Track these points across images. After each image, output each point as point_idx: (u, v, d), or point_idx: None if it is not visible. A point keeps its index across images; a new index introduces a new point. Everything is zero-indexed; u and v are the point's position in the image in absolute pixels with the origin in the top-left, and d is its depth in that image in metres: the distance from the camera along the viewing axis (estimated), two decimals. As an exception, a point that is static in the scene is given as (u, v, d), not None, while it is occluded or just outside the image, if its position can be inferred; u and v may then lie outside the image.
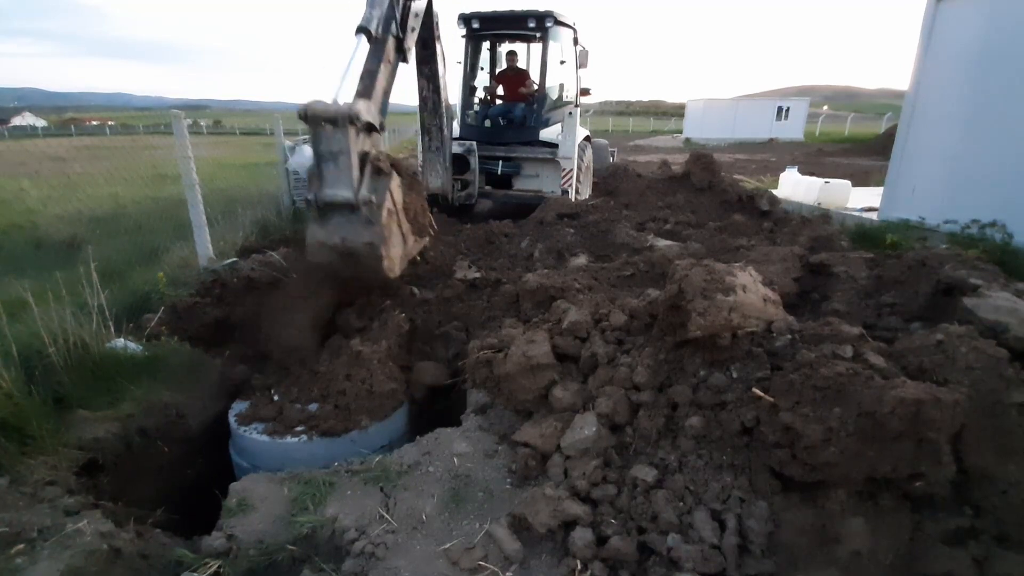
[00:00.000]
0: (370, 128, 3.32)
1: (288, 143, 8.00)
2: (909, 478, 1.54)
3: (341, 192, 3.15)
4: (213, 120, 65.28)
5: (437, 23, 5.39)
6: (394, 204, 3.33)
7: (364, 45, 3.80)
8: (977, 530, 1.60)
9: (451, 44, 8.21)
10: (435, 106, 5.83)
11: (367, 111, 3.24)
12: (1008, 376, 1.69)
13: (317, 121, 3.04)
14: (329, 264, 3.30)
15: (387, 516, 1.99)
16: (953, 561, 1.54)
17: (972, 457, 1.64)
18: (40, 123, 59.70)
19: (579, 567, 1.73)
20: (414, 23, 4.50)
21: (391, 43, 4.04)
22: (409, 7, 4.33)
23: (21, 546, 1.83)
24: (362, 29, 3.75)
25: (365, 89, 3.66)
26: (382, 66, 3.85)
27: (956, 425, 1.53)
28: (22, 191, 9.56)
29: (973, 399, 1.62)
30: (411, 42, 4.47)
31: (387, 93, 4.04)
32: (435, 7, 5.27)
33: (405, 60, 4.42)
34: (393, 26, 4.02)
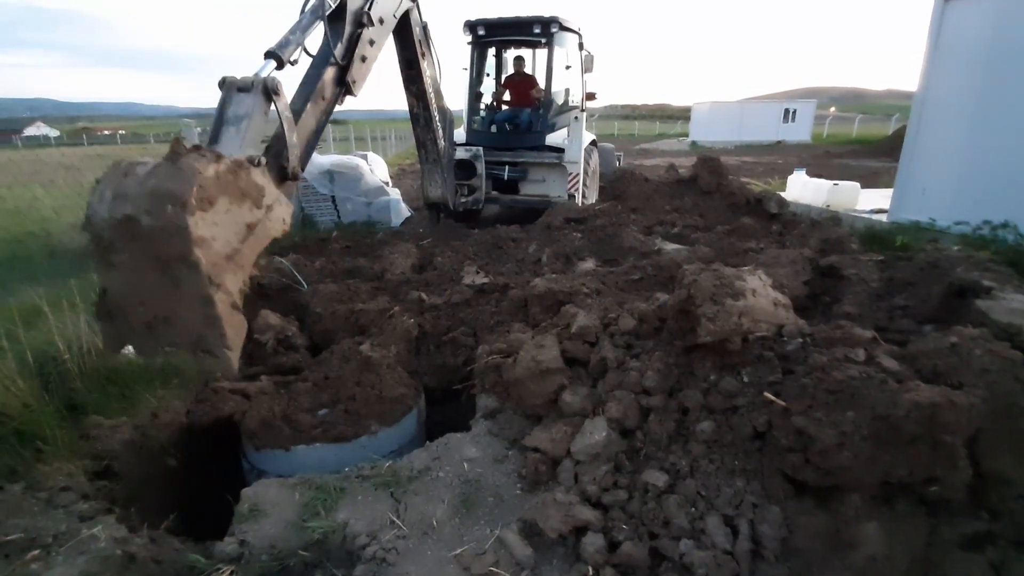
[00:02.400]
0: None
1: (296, 150, 8.06)
2: (924, 482, 1.53)
3: None
4: (222, 128, 65.94)
5: (423, 39, 5.34)
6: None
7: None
8: (994, 535, 1.58)
9: (457, 50, 8.26)
10: (427, 122, 5.93)
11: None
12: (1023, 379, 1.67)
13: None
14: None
15: (398, 521, 1.99)
16: (970, 566, 1.52)
17: (988, 461, 1.62)
18: (53, 133, 60.73)
19: (591, 573, 1.72)
20: (365, 51, 4.07)
21: (329, 73, 3.66)
22: (359, 34, 3.91)
23: (36, 552, 1.85)
24: (271, 54, 3.22)
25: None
26: (309, 104, 3.46)
27: (972, 429, 1.51)
28: (36, 200, 9.70)
29: (988, 402, 1.60)
30: (358, 74, 4.05)
31: (314, 134, 3.62)
32: (419, 22, 5.11)
33: (351, 93, 3.96)
34: (337, 51, 3.63)
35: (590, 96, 8.36)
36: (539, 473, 2.16)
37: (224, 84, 2.74)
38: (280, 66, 3.26)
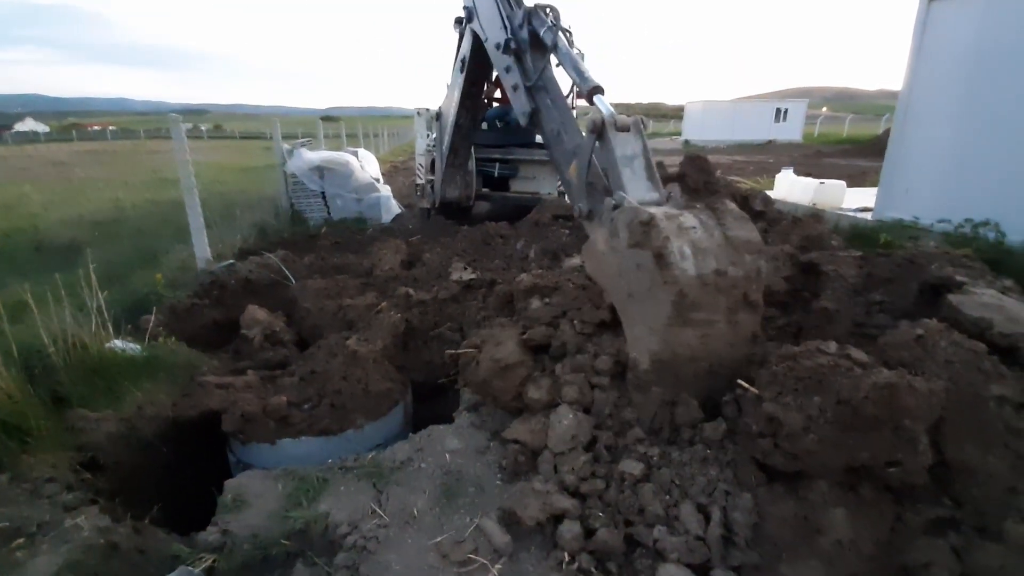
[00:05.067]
0: None
1: (286, 147, 8.07)
2: (887, 466, 1.57)
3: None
4: (213, 124, 65.55)
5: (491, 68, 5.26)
6: None
7: None
8: (957, 521, 1.64)
9: (449, 47, 8.26)
10: (468, 132, 6.16)
11: None
12: (986, 370, 1.72)
13: None
14: None
15: (379, 511, 2.02)
16: (933, 551, 1.57)
17: (952, 449, 1.67)
18: (42, 128, 60.05)
19: (567, 559, 1.76)
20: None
21: None
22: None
23: (21, 540, 1.87)
24: (600, 89, 3.07)
25: None
26: None
27: (933, 415, 1.56)
28: (24, 196, 9.64)
29: (952, 392, 1.65)
30: None
31: None
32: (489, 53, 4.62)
33: None
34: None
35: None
36: (518, 464, 2.20)
37: (603, 127, 2.60)
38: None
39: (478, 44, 4.75)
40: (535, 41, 3.53)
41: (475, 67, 5.37)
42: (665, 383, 2.11)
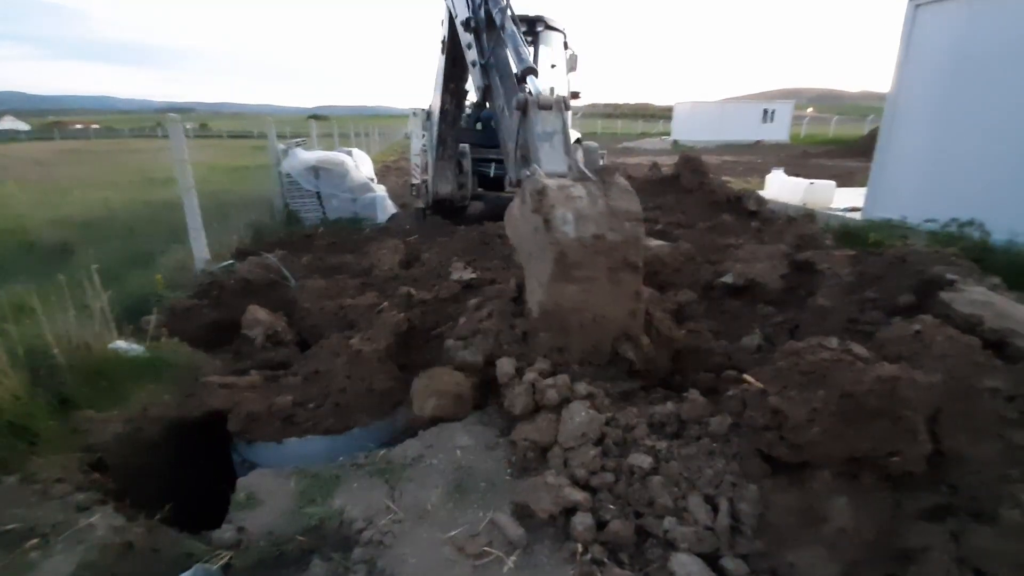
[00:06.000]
0: None
1: (281, 146, 8.03)
2: (887, 456, 1.64)
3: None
4: (199, 123, 64.74)
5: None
6: None
7: None
8: (954, 507, 1.71)
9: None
10: (454, 119, 6.06)
11: None
12: (980, 362, 1.80)
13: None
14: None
15: (393, 507, 2.05)
16: (931, 536, 1.64)
17: (948, 439, 1.74)
18: (23, 127, 58.86)
19: (580, 550, 1.80)
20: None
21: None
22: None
23: (35, 541, 1.88)
24: (533, 70, 3.32)
25: None
26: None
27: (931, 406, 1.63)
28: (9, 196, 9.48)
29: (948, 384, 1.72)
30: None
31: None
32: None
33: None
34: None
35: (574, 95, 8.46)
36: (527, 460, 2.24)
37: (526, 104, 2.89)
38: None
39: (453, 22, 4.84)
40: (490, 21, 3.70)
41: (453, 47, 5.33)
42: (552, 329, 2.45)
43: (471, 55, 3.86)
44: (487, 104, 8.57)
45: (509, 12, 3.56)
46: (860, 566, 1.67)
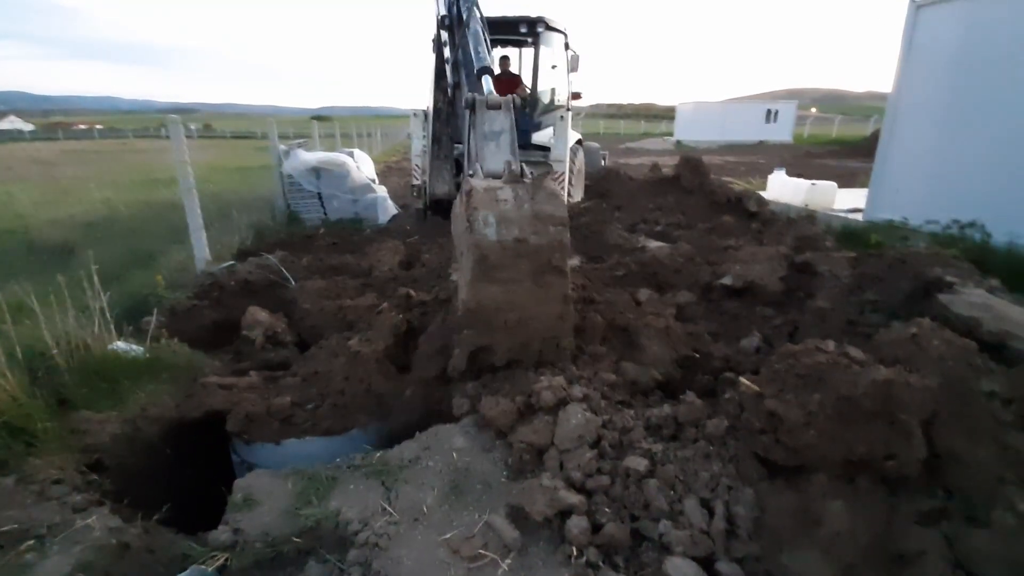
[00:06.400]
0: None
1: (283, 147, 8.05)
2: (883, 459, 1.64)
3: None
4: (203, 124, 64.94)
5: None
6: None
7: None
8: (949, 511, 1.70)
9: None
10: (448, 117, 6.02)
11: None
12: (977, 366, 1.79)
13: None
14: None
15: (389, 508, 2.05)
16: (926, 540, 1.63)
17: (944, 442, 1.73)
18: (27, 127, 59.11)
19: (575, 553, 1.80)
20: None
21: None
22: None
23: (31, 542, 1.88)
24: (487, 70, 3.47)
25: None
26: None
27: (927, 410, 1.63)
28: (12, 195, 9.53)
29: (944, 387, 1.72)
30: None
31: None
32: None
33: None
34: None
35: (576, 95, 8.45)
36: (524, 462, 2.23)
37: (474, 103, 2.96)
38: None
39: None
40: (461, 18, 3.81)
41: (441, 45, 5.40)
42: (476, 327, 2.47)
43: (447, 52, 3.93)
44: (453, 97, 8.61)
45: (476, 10, 3.62)
46: (855, 569, 1.67)
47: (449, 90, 3.92)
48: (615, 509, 1.93)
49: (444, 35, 3.98)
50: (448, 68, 3.85)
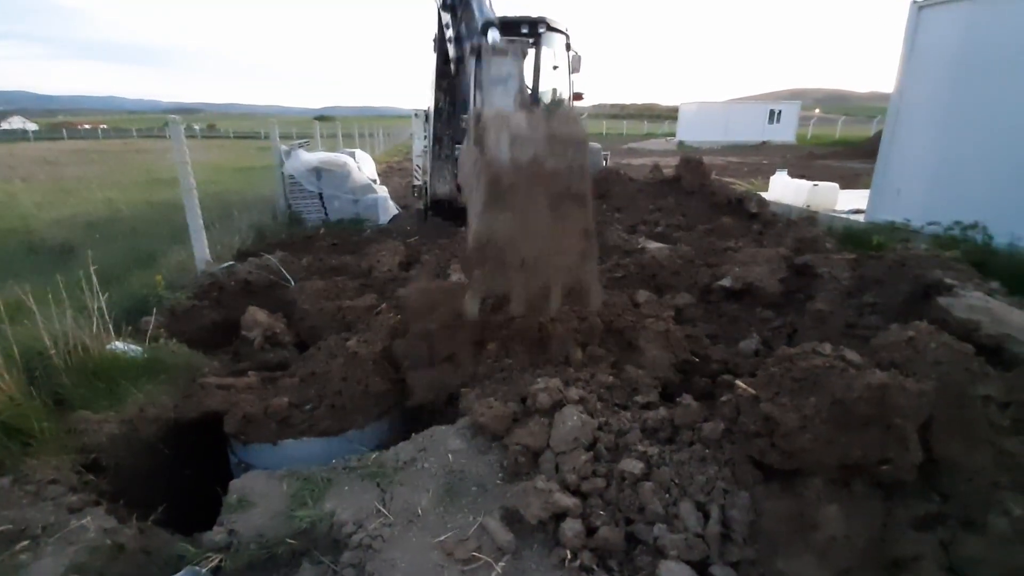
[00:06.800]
0: None
1: (284, 147, 8.07)
2: (879, 463, 1.63)
3: None
4: (207, 124, 65.14)
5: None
6: None
7: None
8: (944, 515, 1.69)
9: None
10: (449, 117, 6.02)
11: None
12: (973, 370, 1.78)
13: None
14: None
15: (383, 510, 2.05)
16: (921, 545, 1.62)
17: (940, 447, 1.72)
18: (31, 127, 59.37)
19: (569, 556, 1.79)
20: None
21: None
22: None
23: (26, 543, 1.88)
24: (492, 23, 3.51)
25: None
26: None
27: (923, 414, 1.62)
28: (15, 195, 9.57)
29: (940, 392, 1.70)
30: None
31: None
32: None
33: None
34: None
35: (577, 96, 8.44)
36: (519, 464, 2.23)
37: (480, 50, 2.88)
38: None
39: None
40: None
41: (444, 42, 5.38)
42: (488, 265, 2.22)
43: (449, 32, 3.93)
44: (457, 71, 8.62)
45: None
46: (851, 574, 1.66)
47: (452, 65, 3.87)
48: (610, 512, 1.93)
49: (446, 16, 3.96)
50: (452, 47, 3.83)
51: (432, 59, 5.88)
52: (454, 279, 4.32)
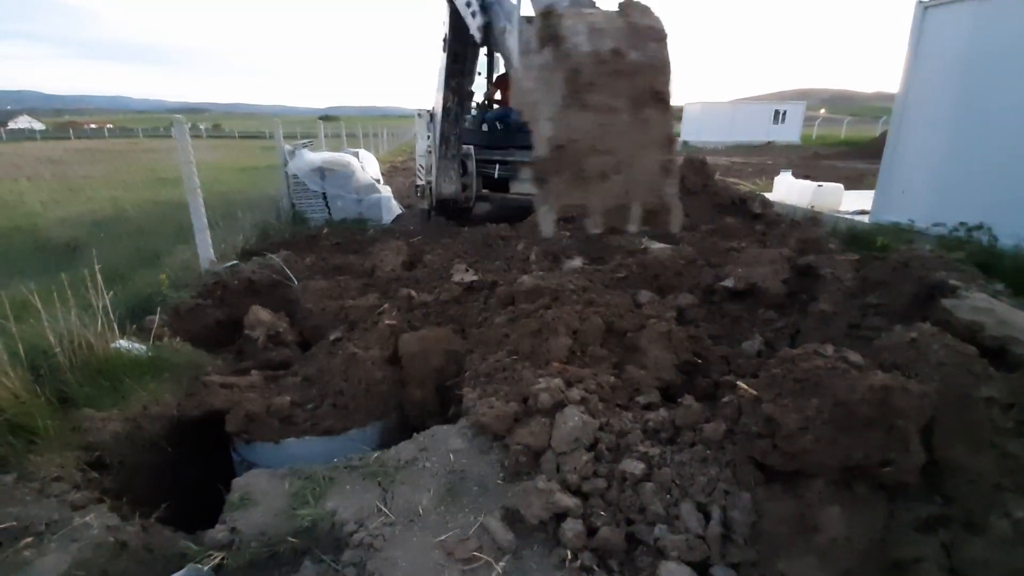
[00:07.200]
0: None
1: (288, 147, 8.09)
2: (881, 465, 1.62)
3: None
4: (212, 124, 65.42)
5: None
6: None
7: None
8: (947, 518, 1.68)
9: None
10: (456, 117, 6.03)
11: None
12: (977, 372, 1.77)
13: None
14: None
15: (385, 509, 2.05)
16: (923, 547, 1.61)
17: (943, 449, 1.72)
18: (38, 126, 59.79)
19: (570, 557, 1.80)
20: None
21: None
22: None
23: (29, 539, 1.90)
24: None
25: None
26: None
27: (925, 416, 1.61)
28: (22, 194, 9.64)
29: (943, 394, 1.70)
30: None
31: None
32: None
33: None
34: None
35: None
36: (520, 464, 2.23)
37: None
38: None
39: (454, 11, 4.83)
40: None
41: (455, 39, 5.33)
42: (566, 173, 1.99)
43: (472, 6, 3.94)
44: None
45: None
46: (852, 577, 1.65)
47: (479, 32, 3.85)
48: (611, 513, 1.92)
49: None
50: (475, 20, 3.83)
51: (440, 59, 5.89)
52: (455, 279, 4.33)
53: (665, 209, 2.07)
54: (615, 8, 2.11)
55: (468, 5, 3.97)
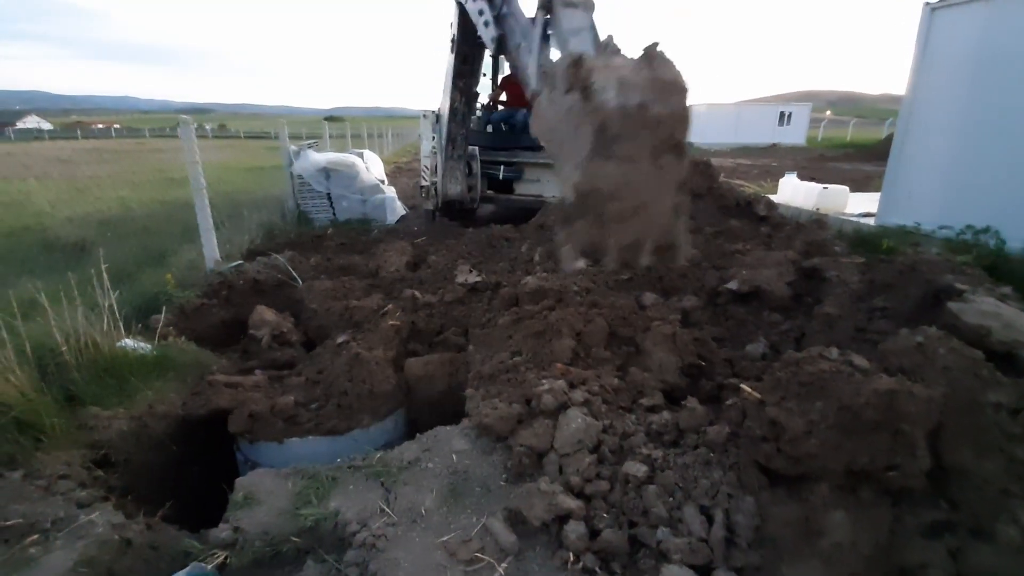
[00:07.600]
0: None
1: (293, 148, 8.13)
2: (886, 469, 1.61)
3: None
4: (218, 124, 65.79)
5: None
6: None
7: None
8: (953, 523, 1.67)
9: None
10: (464, 118, 6.05)
11: None
12: (984, 376, 1.76)
13: None
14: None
15: (387, 510, 2.06)
16: (929, 553, 1.60)
17: (950, 454, 1.70)
18: (46, 126, 60.30)
19: (572, 559, 1.79)
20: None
21: None
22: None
23: (36, 536, 1.91)
24: None
25: None
26: None
27: (931, 421, 1.60)
28: (31, 193, 9.70)
29: (950, 398, 1.68)
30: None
31: None
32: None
33: None
34: None
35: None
36: (523, 466, 2.23)
37: (550, 2, 2.82)
38: None
39: (463, 13, 4.83)
40: None
41: (463, 41, 5.34)
42: (589, 217, 2.13)
43: (484, 16, 3.92)
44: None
45: None
46: (857, 582, 1.64)
47: (491, 44, 3.85)
48: (613, 515, 1.92)
49: (481, 3, 4.00)
50: (488, 29, 3.81)
51: (447, 60, 5.90)
52: (459, 280, 4.33)
53: (674, 245, 2.24)
54: (639, 56, 2.21)
55: (481, 14, 3.96)
